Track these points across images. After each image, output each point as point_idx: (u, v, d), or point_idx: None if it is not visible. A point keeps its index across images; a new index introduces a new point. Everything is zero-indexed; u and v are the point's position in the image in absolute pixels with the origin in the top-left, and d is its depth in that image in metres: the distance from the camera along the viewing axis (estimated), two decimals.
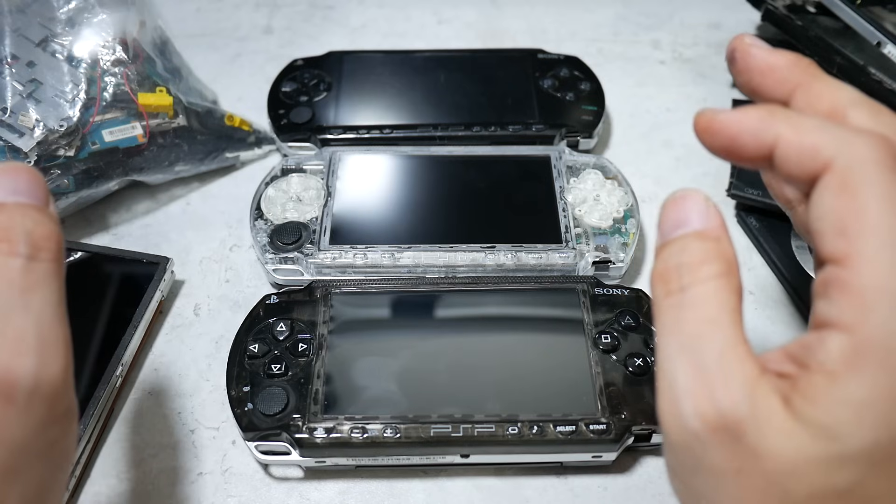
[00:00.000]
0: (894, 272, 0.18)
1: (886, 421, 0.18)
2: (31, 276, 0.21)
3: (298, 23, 0.58)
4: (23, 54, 0.40)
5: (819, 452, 0.18)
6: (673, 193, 0.22)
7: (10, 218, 0.22)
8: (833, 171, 0.19)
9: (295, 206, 0.41)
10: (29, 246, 0.22)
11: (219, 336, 0.39)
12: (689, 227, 0.21)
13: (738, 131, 0.21)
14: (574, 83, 0.49)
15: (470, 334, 0.37)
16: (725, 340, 0.19)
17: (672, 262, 0.21)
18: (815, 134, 0.20)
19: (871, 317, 0.18)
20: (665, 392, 0.20)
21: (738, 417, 0.18)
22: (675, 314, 0.20)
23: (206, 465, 0.35)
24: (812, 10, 0.50)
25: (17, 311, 0.21)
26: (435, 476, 0.34)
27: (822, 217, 0.20)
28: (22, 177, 0.23)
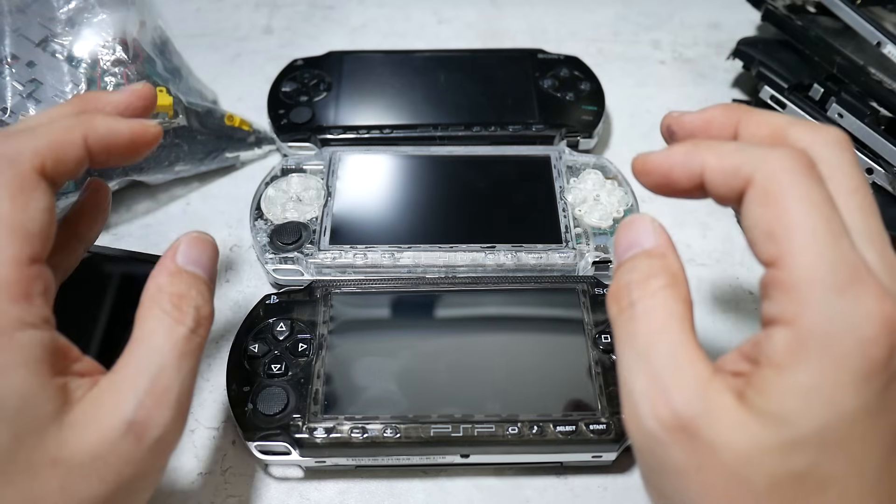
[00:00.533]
0: (821, 264, 0.19)
1: (832, 404, 0.19)
2: (188, 346, 0.25)
3: (298, 23, 0.58)
4: (23, 54, 0.40)
5: (772, 439, 0.19)
6: (623, 219, 0.25)
7: (187, 288, 0.26)
8: (754, 185, 0.21)
9: (295, 206, 0.41)
10: (194, 320, 0.25)
11: (219, 336, 0.39)
12: (639, 248, 0.23)
13: (669, 167, 0.24)
14: (574, 83, 0.49)
15: (470, 334, 0.37)
16: (675, 345, 0.21)
17: (623, 281, 0.23)
18: (735, 156, 0.22)
19: (808, 308, 0.19)
20: (625, 400, 0.22)
21: (692, 415, 0.20)
22: (628, 327, 0.22)
23: (206, 465, 0.35)
24: (812, 10, 0.50)
25: (171, 370, 0.24)
26: (435, 476, 0.34)
27: (751, 227, 0.21)
28: (206, 250, 0.27)
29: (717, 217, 0.45)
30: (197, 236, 0.28)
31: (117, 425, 0.23)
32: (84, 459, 0.22)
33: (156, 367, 0.24)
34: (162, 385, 0.24)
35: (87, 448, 0.22)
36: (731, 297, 0.41)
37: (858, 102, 0.42)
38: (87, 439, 0.22)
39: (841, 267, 0.19)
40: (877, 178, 0.42)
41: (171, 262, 0.26)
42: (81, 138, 0.25)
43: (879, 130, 0.42)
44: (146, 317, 0.25)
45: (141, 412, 0.23)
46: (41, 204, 0.24)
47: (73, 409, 0.23)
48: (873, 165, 0.42)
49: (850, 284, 0.19)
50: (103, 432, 0.23)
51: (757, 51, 0.48)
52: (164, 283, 0.26)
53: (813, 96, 0.45)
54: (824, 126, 0.24)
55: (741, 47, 0.49)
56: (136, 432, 0.23)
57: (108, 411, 0.23)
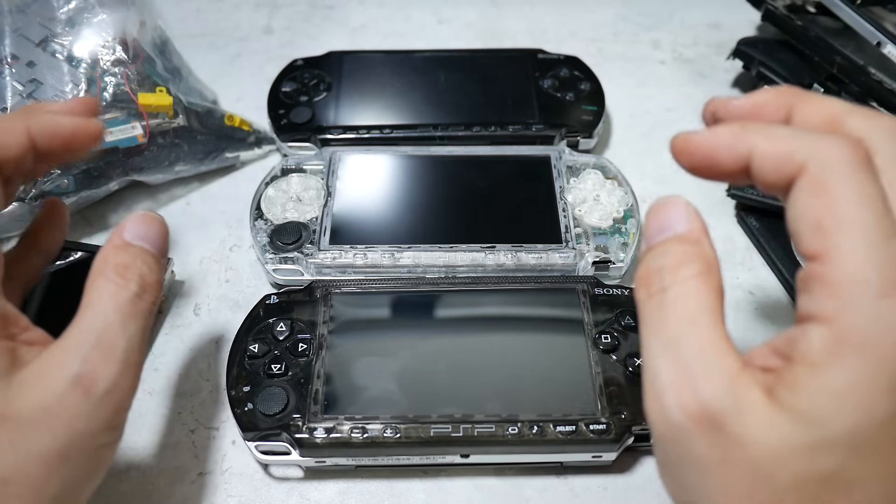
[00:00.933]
0: (869, 264, 0.19)
1: (866, 406, 0.18)
2: (133, 308, 0.26)
3: (298, 23, 0.58)
4: (23, 54, 0.40)
5: (801, 438, 0.19)
6: (656, 201, 0.23)
7: (132, 258, 0.27)
8: (807, 174, 0.20)
9: (295, 206, 0.41)
10: (139, 286, 0.26)
11: (219, 336, 0.39)
12: (672, 232, 0.22)
13: (714, 147, 0.22)
14: (574, 83, 0.49)
15: (470, 334, 0.37)
16: (706, 336, 0.20)
17: (654, 265, 0.22)
18: (788, 141, 0.21)
19: (850, 308, 0.19)
20: (649, 388, 0.21)
21: (720, 408, 0.19)
22: (657, 313, 0.21)
23: (206, 465, 0.35)
24: (812, 10, 0.50)
25: (115, 328, 0.25)
26: (435, 476, 0.34)
27: (799, 217, 0.21)
28: (152, 227, 0.28)
29: (717, 217, 0.45)
30: (144, 213, 0.28)
31: (64, 379, 0.24)
32: (33, 414, 0.23)
33: (100, 325, 0.25)
34: (107, 341, 0.24)
35: (35, 403, 0.23)
36: (731, 297, 0.41)
37: (858, 102, 0.42)
38: (35, 395, 0.23)
39: (889, 269, 0.19)
40: None
41: (118, 237, 0.27)
42: (24, 128, 0.27)
43: None
44: (91, 286, 0.26)
45: (87, 366, 0.24)
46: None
47: (21, 370, 0.24)
48: None
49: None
50: (51, 387, 0.23)
51: (757, 51, 0.48)
52: (109, 255, 0.27)
53: None
54: (884, 115, 0.23)
55: (741, 47, 0.49)
56: (84, 385, 0.24)
57: (55, 368, 0.24)
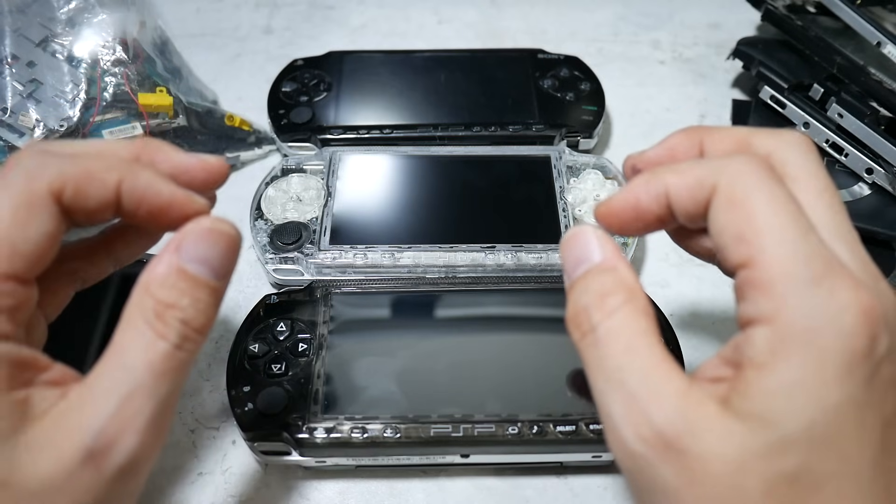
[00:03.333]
0: (794, 258, 0.19)
1: (817, 400, 0.19)
2: (169, 364, 0.22)
3: (298, 23, 0.58)
4: (23, 54, 0.40)
5: (760, 443, 0.19)
6: (566, 233, 0.24)
7: (178, 296, 0.22)
8: (719, 193, 0.21)
9: (295, 206, 0.41)
10: (179, 336, 0.22)
11: (219, 336, 0.39)
12: (588, 264, 0.23)
13: (634, 199, 0.23)
14: (574, 83, 0.49)
15: (470, 334, 0.37)
16: (646, 363, 0.21)
17: (580, 305, 0.23)
18: (695, 170, 0.22)
19: (786, 304, 0.19)
20: (606, 425, 0.21)
21: (675, 431, 0.19)
22: (594, 353, 0.22)
23: (206, 465, 0.35)
24: (812, 10, 0.50)
25: (144, 392, 0.21)
26: (435, 476, 0.35)
27: (720, 233, 0.21)
28: (217, 246, 0.23)
29: None
30: (210, 227, 0.23)
31: (75, 452, 0.20)
32: (36, 487, 0.20)
33: (127, 387, 0.21)
34: (131, 409, 0.21)
35: (41, 474, 0.20)
36: (731, 297, 0.41)
37: (858, 102, 0.42)
38: (41, 465, 0.20)
39: (814, 260, 0.19)
40: (877, 178, 0.42)
41: (172, 256, 0.22)
42: (115, 182, 0.23)
43: (879, 130, 0.42)
44: (127, 323, 0.22)
45: (102, 438, 0.21)
46: (43, 227, 0.22)
47: (32, 427, 0.21)
48: (873, 165, 0.42)
49: (825, 276, 0.19)
50: (60, 459, 0.20)
51: (757, 51, 0.48)
52: (154, 285, 0.22)
53: (813, 96, 0.45)
54: (785, 131, 0.24)
55: (741, 47, 0.49)
56: (96, 460, 0.21)
57: (67, 434, 0.21)
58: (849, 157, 0.43)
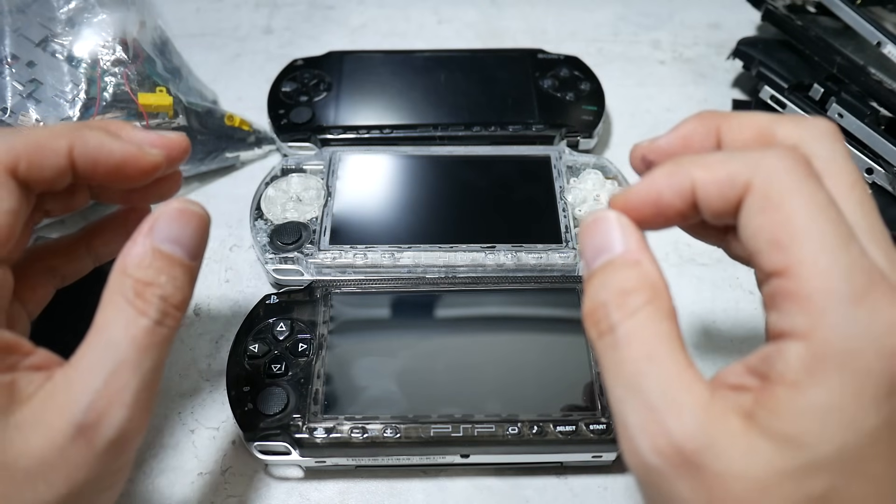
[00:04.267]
0: (836, 273, 0.18)
1: (852, 424, 0.18)
2: (151, 339, 0.22)
3: (298, 23, 0.58)
4: (23, 54, 0.40)
5: (788, 464, 0.18)
6: (586, 217, 0.22)
7: (156, 273, 0.23)
8: (753, 192, 0.20)
9: (295, 206, 0.41)
10: (160, 312, 0.23)
11: (219, 336, 0.39)
12: (609, 254, 0.21)
13: (656, 194, 0.21)
14: (574, 83, 0.49)
15: (470, 334, 0.37)
16: (667, 371, 0.19)
17: (598, 300, 0.21)
18: (726, 165, 0.20)
19: (824, 321, 0.18)
20: (622, 433, 0.20)
21: (696, 447, 0.18)
22: (612, 355, 0.20)
23: (206, 465, 0.35)
24: (812, 10, 0.50)
25: (128, 366, 0.22)
26: (435, 476, 0.34)
27: (754, 236, 0.20)
28: (189, 225, 0.24)
29: None
30: (180, 208, 0.24)
31: (66, 428, 0.21)
32: (30, 464, 0.21)
33: (111, 363, 0.22)
34: (117, 383, 0.22)
35: (33, 452, 0.21)
36: (731, 297, 0.41)
37: (858, 102, 0.42)
38: (33, 443, 0.21)
39: (856, 275, 0.18)
40: (877, 178, 0.42)
41: (146, 238, 0.23)
42: (66, 147, 0.24)
43: (879, 130, 0.42)
44: (107, 303, 0.22)
45: (91, 413, 0.21)
46: (4, 205, 0.22)
47: (20, 409, 0.21)
48: (873, 165, 0.42)
49: (867, 293, 0.18)
50: (51, 435, 0.21)
51: (757, 51, 0.48)
52: (131, 266, 0.23)
53: (813, 96, 0.45)
54: (811, 118, 0.22)
55: (741, 47, 0.49)
56: (87, 435, 0.21)
57: (56, 412, 0.21)
58: None
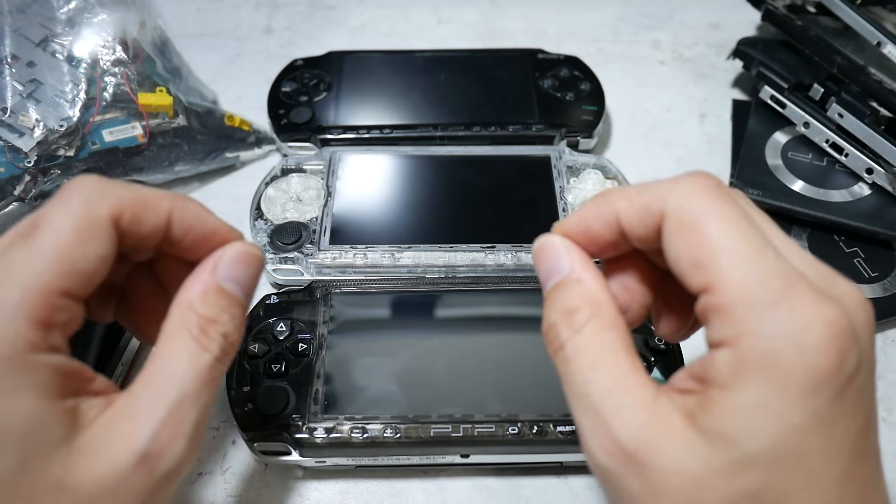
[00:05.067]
0: (750, 281, 0.19)
1: (780, 420, 0.18)
2: (211, 374, 0.23)
3: (298, 23, 0.58)
4: (23, 54, 0.40)
5: (722, 460, 0.19)
6: (534, 244, 0.25)
7: (220, 312, 0.24)
8: (668, 218, 0.21)
9: (295, 206, 0.41)
10: (221, 349, 0.24)
11: None
12: (559, 275, 0.23)
13: (586, 225, 0.24)
14: (574, 83, 0.49)
15: (470, 334, 0.37)
16: (610, 379, 0.21)
17: (550, 320, 0.23)
18: (642, 195, 0.22)
19: (745, 328, 0.19)
20: (580, 439, 0.22)
21: (638, 445, 0.20)
22: (565, 369, 0.22)
23: (206, 465, 0.35)
24: (812, 10, 0.50)
25: (190, 400, 0.23)
26: (435, 476, 0.34)
27: (675, 259, 0.21)
28: (250, 268, 0.25)
29: None
30: (246, 249, 0.25)
31: (129, 455, 0.22)
32: (91, 489, 0.21)
33: (175, 395, 0.22)
34: (180, 415, 0.22)
35: (95, 477, 0.21)
36: None
37: (858, 102, 0.42)
38: (96, 468, 0.21)
39: (771, 279, 0.19)
40: (877, 178, 0.42)
41: (210, 276, 0.24)
42: (167, 209, 0.25)
43: (879, 130, 0.42)
44: (171, 336, 0.23)
45: (155, 444, 0.22)
46: (101, 250, 0.23)
47: (83, 434, 0.22)
48: (873, 165, 0.42)
49: (784, 295, 0.19)
50: (114, 461, 0.21)
51: (757, 51, 0.48)
52: (196, 302, 0.24)
53: (813, 96, 0.45)
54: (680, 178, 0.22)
55: (741, 47, 0.49)
56: (149, 463, 0.22)
57: (120, 439, 0.22)
58: (849, 157, 0.43)
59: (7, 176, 0.39)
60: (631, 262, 0.25)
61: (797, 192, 0.44)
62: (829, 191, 0.43)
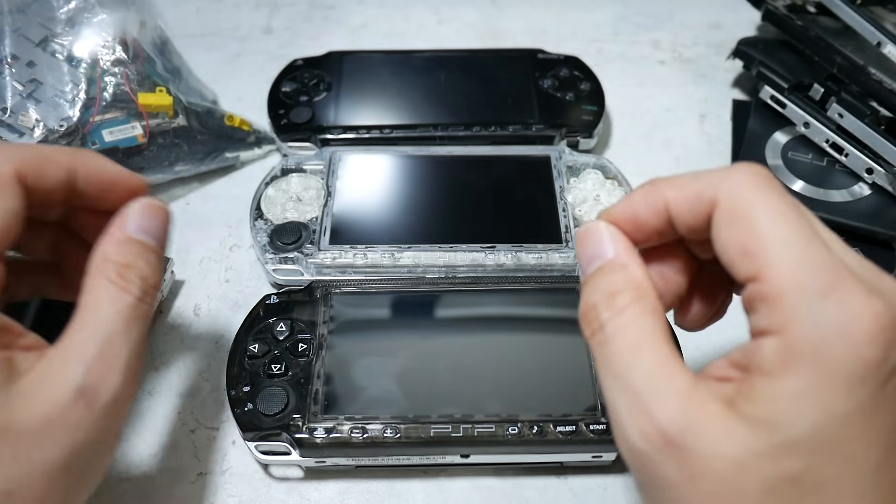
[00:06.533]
0: (802, 271, 0.20)
1: (824, 407, 0.19)
2: (135, 313, 0.25)
3: (298, 23, 0.58)
4: (23, 54, 0.40)
5: (763, 444, 0.19)
6: (580, 229, 0.24)
7: (134, 257, 0.26)
8: (719, 207, 0.22)
9: (295, 206, 0.41)
10: (140, 289, 0.25)
11: (219, 336, 0.39)
12: (601, 259, 0.23)
13: (633, 211, 0.24)
14: (574, 83, 0.49)
15: (470, 334, 0.37)
16: (650, 362, 0.21)
17: (591, 301, 0.23)
18: (694, 183, 0.23)
19: (794, 316, 0.19)
20: (613, 422, 0.22)
21: (678, 429, 0.20)
22: (602, 351, 0.22)
23: (206, 465, 0.35)
24: (812, 10, 0.50)
25: (118, 336, 0.24)
26: (435, 476, 0.34)
27: (725, 248, 0.22)
28: (156, 218, 0.27)
29: None
30: (150, 202, 0.27)
31: (67, 392, 0.23)
32: (35, 426, 0.23)
33: (103, 334, 0.24)
34: (110, 351, 0.24)
35: (37, 415, 0.23)
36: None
37: (858, 102, 0.42)
38: (36, 407, 0.23)
39: (821, 270, 0.19)
40: (877, 178, 0.42)
41: (120, 230, 0.26)
42: (68, 163, 0.27)
43: (879, 130, 0.42)
44: (92, 286, 0.25)
45: (90, 378, 0.23)
46: (9, 205, 0.25)
47: (20, 380, 0.23)
48: (873, 165, 0.42)
49: (834, 286, 0.19)
50: (53, 399, 0.23)
51: (757, 51, 0.48)
52: (111, 252, 0.26)
53: (813, 96, 0.45)
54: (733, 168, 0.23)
55: (741, 47, 0.49)
56: (87, 397, 0.23)
57: (57, 379, 0.23)
58: (849, 157, 0.43)
59: None
60: (669, 251, 0.25)
61: (797, 192, 0.44)
62: (829, 191, 0.43)
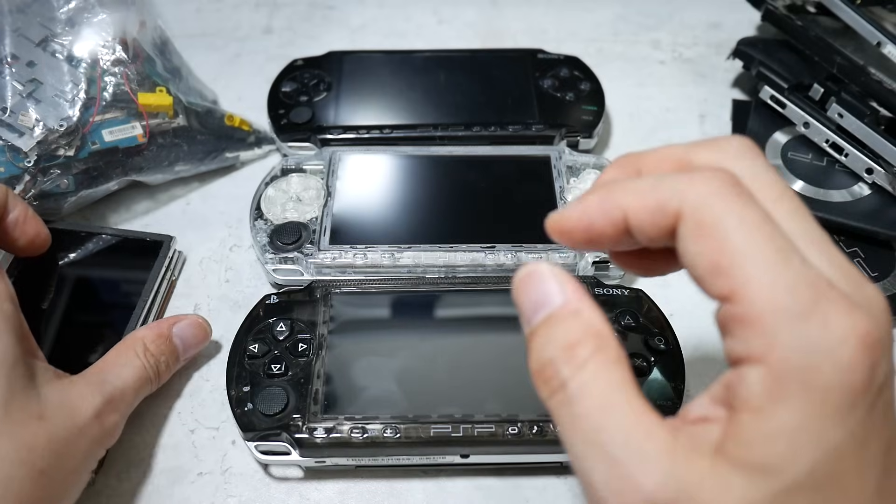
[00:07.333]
0: (781, 290, 0.18)
1: (819, 442, 0.17)
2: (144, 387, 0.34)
3: (298, 23, 0.58)
4: (23, 54, 0.40)
5: (763, 494, 0.17)
6: (518, 273, 0.22)
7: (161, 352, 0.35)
8: (685, 219, 0.19)
9: (295, 206, 0.41)
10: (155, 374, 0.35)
11: (219, 336, 0.39)
12: (548, 308, 0.21)
13: (588, 220, 0.21)
14: (574, 83, 0.49)
15: (470, 334, 0.37)
16: (625, 422, 0.19)
17: (545, 357, 0.20)
18: (655, 191, 0.20)
19: (777, 342, 0.18)
20: (589, 493, 0.19)
21: (669, 496, 0.18)
22: (567, 412, 0.20)
23: (206, 465, 0.35)
24: (812, 10, 0.50)
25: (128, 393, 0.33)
26: (435, 476, 0.34)
27: (694, 264, 0.19)
28: (196, 336, 0.37)
29: None
30: (200, 322, 0.37)
31: (90, 408, 0.30)
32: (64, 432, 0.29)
33: (120, 386, 0.32)
34: (120, 399, 0.32)
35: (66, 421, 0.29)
36: None
37: (858, 102, 0.42)
38: (65, 409, 0.29)
39: (801, 288, 0.18)
40: (877, 178, 0.42)
41: (167, 328, 0.35)
42: None
43: (879, 130, 0.42)
44: (126, 349, 0.34)
45: (106, 407, 0.31)
46: None
47: (45, 388, 0.29)
48: (873, 165, 0.42)
49: (816, 305, 0.18)
50: (80, 409, 0.30)
51: (757, 51, 0.48)
52: (149, 339, 0.34)
53: (813, 96, 0.45)
54: (725, 138, 0.22)
55: (741, 47, 0.49)
56: (101, 419, 0.31)
57: (81, 396, 0.30)
58: (849, 157, 0.43)
59: (7, 176, 0.39)
60: None
61: (797, 193, 0.44)
62: (829, 191, 0.43)
